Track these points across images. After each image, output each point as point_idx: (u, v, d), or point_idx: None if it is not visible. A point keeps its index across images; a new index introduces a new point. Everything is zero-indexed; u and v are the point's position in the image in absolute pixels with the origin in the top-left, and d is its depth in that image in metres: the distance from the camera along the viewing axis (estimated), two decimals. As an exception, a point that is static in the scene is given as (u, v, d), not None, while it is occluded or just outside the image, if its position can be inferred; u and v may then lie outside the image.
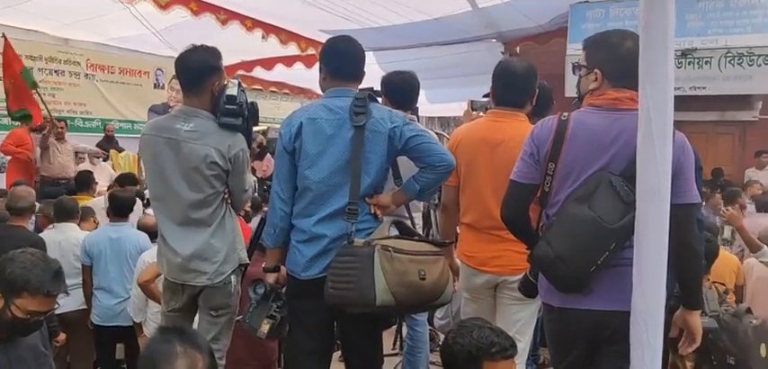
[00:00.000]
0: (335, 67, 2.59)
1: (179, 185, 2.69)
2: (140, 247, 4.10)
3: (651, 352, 1.87)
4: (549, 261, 2.10)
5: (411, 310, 2.52)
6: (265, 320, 2.56)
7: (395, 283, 2.28)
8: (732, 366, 2.52)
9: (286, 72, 9.78)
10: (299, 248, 2.52)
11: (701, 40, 7.67)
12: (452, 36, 8.02)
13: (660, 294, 1.86)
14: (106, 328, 4.11)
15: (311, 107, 2.60)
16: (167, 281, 2.85)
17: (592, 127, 2.14)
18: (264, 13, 7.29)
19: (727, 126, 9.45)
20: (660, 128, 1.81)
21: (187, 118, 2.71)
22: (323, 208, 2.47)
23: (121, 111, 10.61)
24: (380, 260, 2.28)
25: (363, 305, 2.29)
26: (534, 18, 8.04)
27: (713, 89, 7.79)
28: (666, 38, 1.79)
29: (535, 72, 2.90)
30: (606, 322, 2.11)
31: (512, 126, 2.79)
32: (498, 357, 1.95)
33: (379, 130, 2.44)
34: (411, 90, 3.27)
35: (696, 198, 2.10)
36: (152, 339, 1.62)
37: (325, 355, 2.65)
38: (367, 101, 2.46)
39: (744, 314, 2.66)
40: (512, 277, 2.73)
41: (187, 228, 2.73)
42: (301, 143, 2.48)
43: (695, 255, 2.10)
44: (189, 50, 2.78)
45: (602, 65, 2.17)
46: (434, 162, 2.45)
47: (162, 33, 8.00)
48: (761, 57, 7.50)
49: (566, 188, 2.16)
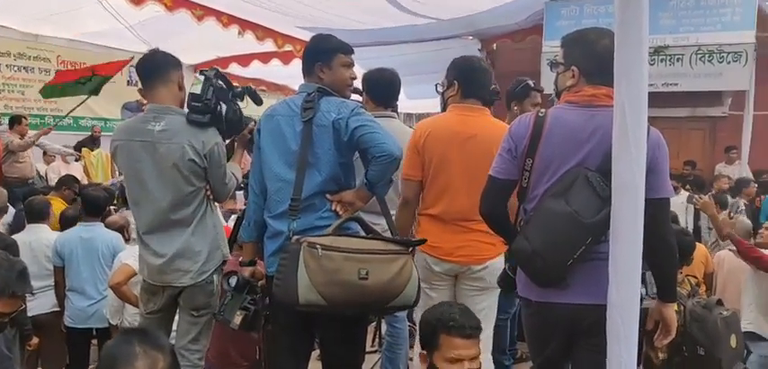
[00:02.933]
0: (303, 64, 2.63)
1: (157, 188, 2.67)
2: (113, 246, 4.03)
3: (627, 344, 1.90)
4: (527, 256, 2.13)
5: (358, 310, 2.43)
6: (238, 312, 2.55)
7: (323, 282, 2.21)
8: (702, 357, 2.56)
9: (263, 68, 9.71)
10: (266, 244, 2.55)
11: (673, 38, 7.82)
12: (430, 34, 8.06)
13: (635, 287, 1.89)
14: (79, 330, 4.04)
15: (276, 104, 2.62)
16: (146, 283, 2.81)
17: (568, 123, 2.16)
18: (241, 10, 7.22)
19: (698, 122, 9.64)
20: (635, 123, 1.84)
21: (157, 117, 2.68)
22: (279, 204, 2.47)
23: (94, 108, 10.39)
24: (305, 258, 2.21)
25: (289, 303, 2.25)
26: (510, 16, 8.11)
27: (685, 86, 7.95)
28: (641, 35, 1.81)
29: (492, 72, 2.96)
30: (583, 316, 2.14)
31: (482, 120, 2.85)
32: (454, 333, 2.04)
33: (323, 123, 2.41)
34: (392, 87, 3.27)
35: (670, 192, 2.14)
36: (113, 341, 1.62)
37: (303, 351, 2.64)
38: (316, 95, 2.44)
39: (714, 306, 2.71)
40: (476, 266, 2.78)
41: (167, 229, 2.70)
42: (260, 140, 2.53)
43: (669, 248, 2.14)
44: (148, 52, 2.82)
45: (578, 62, 2.20)
46: (375, 153, 2.36)
47: (135, 28, 7.87)
48: (730, 54, 7.67)
49: (543, 183, 2.18)
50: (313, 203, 2.44)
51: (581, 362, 2.25)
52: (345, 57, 2.59)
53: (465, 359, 2.08)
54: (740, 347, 2.71)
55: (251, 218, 2.60)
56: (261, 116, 2.61)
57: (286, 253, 2.30)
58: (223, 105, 2.73)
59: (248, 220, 2.61)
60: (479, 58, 3.00)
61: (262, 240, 2.60)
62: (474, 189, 2.70)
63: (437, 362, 2.11)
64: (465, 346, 2.08)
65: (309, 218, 2.43)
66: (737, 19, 7.66)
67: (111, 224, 4.34)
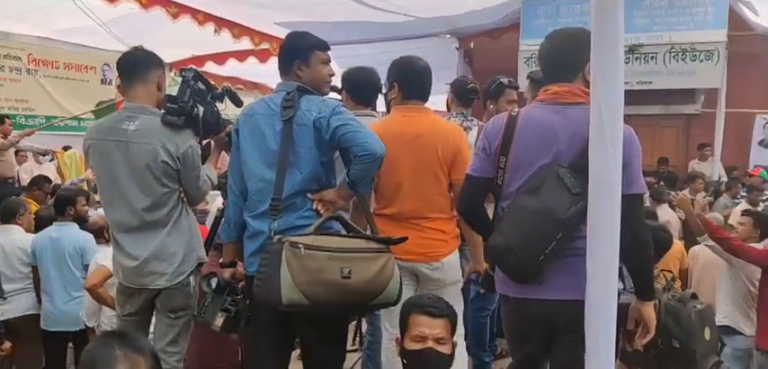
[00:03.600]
0: (279, 63, 2.61)
1: (131, 189, 2.62)
2: (81, 248, 3.96)
3: (605, 338, 1.93)
4: (501, 251, 2.18)
5: (341, 309, 2.44)
6: (220, 314, 2.54)
7: (306, 282, 2.20)
8: (677, 350, 2.60)
9: (239, 67, 9.61)
10: (245, 244, 2.53)
11: (647, 36, 7.93)
12: (407, 32, 8.06)
13: (613, 282, 1.92)
14: (53, 333, 3.97)
15: (254, 103, 2.60)
16: (122, 285, 2.77)
17: (538, 121, 2.23)
18: (217, 7, 7.15)
19: (671, 119, 9.78)
20: (611, 121, 1.87)
21: (131, 116, 2.64)
22: (259, 204, 2.46)
23: (67, 108, 10.21)
24: (287, 257, 2.20)
25: (272, 304, 2.24)
26: (488, 14, 8.15)
27: (659, 84, 8.06)
28: (617, 34, 1.84)
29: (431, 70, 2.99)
30: (560, 311, 2.17)
31: (426, 119, 2.90)
32: (419, 311, 2.18)
33: (304, 122, 2.41)
34: (372, 85, 3.25)
35: (642, 188, 2.19)
36: (92, 344, 1.59)
37: (284, 351, 2.63)
38: (296, 94, 2.43)
39: (689, 299, 2.75)
40: (433, 263, 2.85)
41: (141, 231, 2.66)
42: (240, 140, 2.51)
43: (643, 244, 2.18)
44: (133, 48, 2.77)
45: (541, 63, 2.36)
46: (358, 152, 2.37)
47: (109, 26, 7.73)
48: (702, 53, 7.80)
49: (517, 181, 2.23)
50: (294, 203, 2.43)
51: (559, 357, 2.28)
52: (322, 53, 2.59)
53: (429, 337, 2.14)
54: (714, 340, 2.75)
55: (231, 219, 2.58)
56: (239, 116, 2.58)
57: (267, 253, 2.29)
58: (200, 107, 2.70)
59: (228, 220, 2.59)
60: (418, 59, 2.99)
61: (241, 241, 2.57)
62: (423, 187, 2.80)
63: (406, 344, 2.20)
64: (429, 324, 2.15)
65: (290, 217, 2.42)
66: (709, 18, 7.80)
67: (91, 225, 4.28)
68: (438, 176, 2.83)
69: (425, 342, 2.15)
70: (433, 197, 2.84)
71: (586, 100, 2.14)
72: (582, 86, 2.20)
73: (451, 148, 2.83)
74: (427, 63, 3.00)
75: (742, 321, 3.94)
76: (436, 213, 2.87)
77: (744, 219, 4.31)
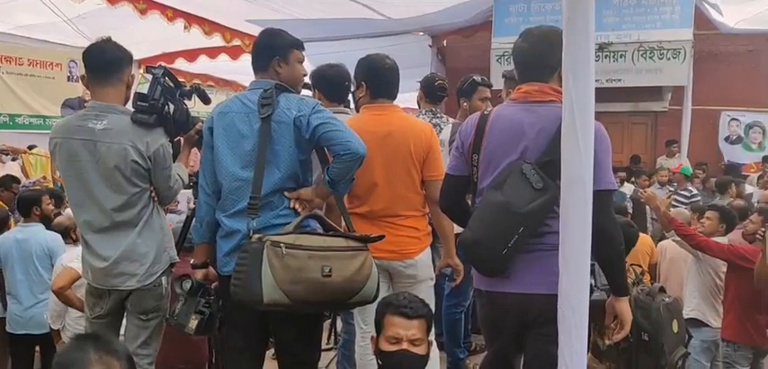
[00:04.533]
0: (253, 60, 2.58)
1: (99, 189, 2.56)
2: (49, 248, 3.87)
3: (577, 333, 1.95)
4: (468, 245, 2.25)
5: (321, 307, 2.46)
6: (193, 316, 2.49)
7: (287, 281, 2.20)
8: (646, 342, 2.65)
9: (210, 64, 9.50)
10: (219, 243, 2.50)
11: (616, 35, 8.04)
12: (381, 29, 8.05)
13: (585, 277, 1.95)
14: (19, 337, 3.87)
15: (227, 100, 2.57)
16: (91, 287, 2.71)
17: (508, 119, 2.29)
18: (187, 3, 7.04)
19: (640, 116, 9.97)
20: (583, 119, 1.89)
21: (99, 115, 2.57)
22: (235, 203, 2.43)
23: (32, 105, 9.94)
24: (269, 256, 2.19)
25: (253, 303, 2.22)
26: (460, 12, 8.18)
27: (627, 81, 8.19)
28: (588, 32, 1.87)
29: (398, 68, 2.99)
30: (530, 305, 2.22)
31: (396, 117, 2.90)
32: (395, 312, 2.18)
33: (284, 120, 2.39)
34: (343, 82, 3.23)
35: (611, 184, 2.22)
36: (65, 347, 1.55)
37: (258, 352, 2.61)
38: (274, 92, 2.41)
39: (657, 293, 2.80)
40: (407, 261, 2.86)
41: (111, 231, 2.60)
42: (214, 138, 2.46)
43: (613, 240, 2.21)
44: (100, 41, 2.66)
45: (515, 62, 2.40)
46: (340, 151, 2.36)
47: (74, 22, 7.56)
48: (670, 51, 7.95)
49: (487, 177, 2.29)
50: (271, 201, 2.41)
51: (532, 351, 2.32)
52: (299, 53, 2.59)
53: (404, 339, 2.15)
54: (682, 332, 2.81)
55: (203, 218, 2.54)
56: (213, 113, 2.54)
57: (246, 252, 2.26)
58: (171, 105, 2.65)
59: (200, 220, 2.55)
60: (386, 56, 2.98)
61: (214, 241, 2.54)
62: (396, 185, 2.81)
63: (381, 344, 2.20)
64: (404, 326, 2.15)
65: (267, 216, 2.40)
66: (676, 17, 7.95)
67: (57, 225, 4.18)
68: (410, 174, 2.84)
69: (400, 344, 2.15)
70: (405, 195, 2.85)
71: (556, 99, 2.19)
72: (555, 86, 2.24)
73: (423, 146, 2.84)
74: (395, 61, 2.99)
75: (709, 314, 4.03)
76: (409, 211, 2.87)
77: (709, 213, 4.41)
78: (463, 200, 2.52)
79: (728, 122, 9.75)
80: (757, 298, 3.80)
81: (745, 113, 9.69)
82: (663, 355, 2.62)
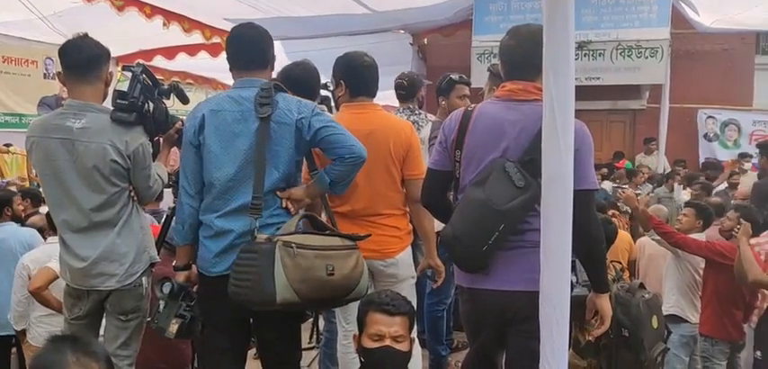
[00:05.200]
0: (239, 57, 2.51)
1: (78, 188, 2.52)
2: (27, 243, 3.82)
3: (559, 329, 1.96)
4: (449, 241, 2.26)
5: (320, 305, 2.50)
6: (174, 320, 2.46)
7: (297, 280, 2.23)
8: (626, 338, 2.68)
9: (189, 61, 9.38)
10: (206, 244, 2.45)
11: (595, 33, 8.12)
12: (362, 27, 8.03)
13: (566, 275, 1.96)
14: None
15: (216, 98, 2.52)
16: (70, 287, 2.66)
17: (491, 116, 2.30)
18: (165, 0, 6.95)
19: (619, 114, 10.09)
20: (563, 117, 1.90)
21: (77, 113, 2.52)
22: (228, 203, 2.40)
23: (7, 103, 9.75)
24: (281, 256, 2.22)
25: (263, 303, 2.24)
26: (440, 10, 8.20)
27: (606, 79, 8.28)
28: (568, 31, 1.87)
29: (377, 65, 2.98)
30: (510, 302, 2.24)
31: (376, 116, 2.89)
32: (377, 309, 2.19)
33: (285, 121, 2.38)
34: (312, 80, 3.14)
35: (593, 184, 2.25)
36: (42, 349, 1.51)
37: (240, 353, 2.60)
38: (273, 91, 2.39)
39: (637, 289, 2.83)
40: (388, 260, 2.85)
41: (90, 231, 2.56)
42: (205, 137, 2.40)
43: (595, 240, 2.24)
44: (78, 37, 2.60)
45: (501, 61, 2.40)
46: (343, 154, 2.39)
47: (50, 19, 7.42)
48: (647, 50, 8.05)
49: (470, 174, 2.30)
50: (266, 201, 2.39)
51: (514, 347, 2.34)
52: None
53: (386, 336, 2.16)
54: (661, 328, 2.84)
55: (185, 220, 2.48)
56: (201, 111, 2.45)
57: (254, 252, 2.25)
58: (150, 103, 2.61)
59: (182, 222, 2.50)
60: (364, 54, 2.96)
61: (196, 242, 2.51)
62: (376, 184, 2.80)
63: (364, 341, 2.21)
64: (386, 323, 2.16)
65: (263, 216, 2.38)
66: (654, 16, 8.05)
67: (31, 225, 4.11)
68: (391, 173, 2.83)
69: (383, 340, 2.16)
70: (386, 194, 2.84)
71: (539, 97, 2.19)
72: (539, 85, 2.24)
73: (403, 144, 2.84)
74: (373, 59, 2.97)
75: (687, 309, 4.09)
76: (389, 210, 2.87)
77: (687, 210, 4.47)
78: (445, 196, 2.53)
79: (705, 120, 9.92)
80: (734, 293, 3.87)
81: (720, 111, 9.87)
82: (643, 350, 2.65)
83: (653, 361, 2.68)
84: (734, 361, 4.09)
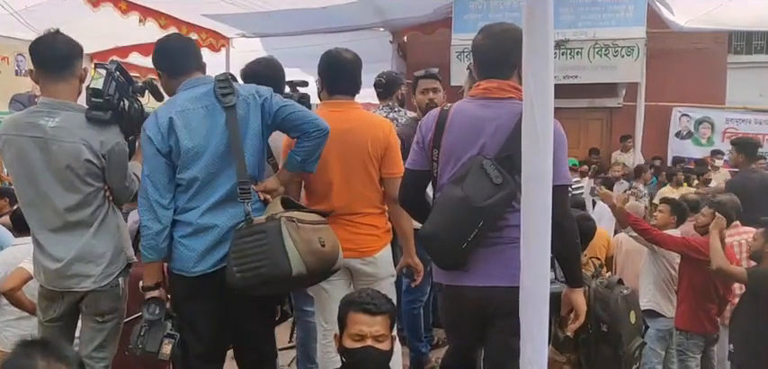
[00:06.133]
0: (176, 62, 2.53)
1: (52, 188, 2.47)
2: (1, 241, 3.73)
3: (538, 325, 1.97)
4: (427, 238, 2.27)
5: (318, 278, 2.55)
6: (165, 341, 2.39)
7: (306, 252, 2.30)
8: (605, 333, 2.71)
9: (166, 58, 9.25)
10: (185, 244, 2.42)
11: (573, 32, 8.18)
12: (340, 23, 7.99)
13: (545, 271, 1.97)
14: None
15: (174, 102, 2.47)
16: (44, 289, 2.61)
17: (468, 114, 2.31)
18: (140, -5, 6.85)
19: (596, 112, 10.20)
20: (542, 116, 1.91)
21: (51, 112, 2.47)
22: (210, 197, 2.40)
23: (-23, 100, 9.57)
24: (289, 231, 2.27)
25: (279, 280, 2.29)
26: (419, 7, 8.20)
27: (584, 78, 8.35)
28: (547, 30, 1.88)
29: (361, 63, 2.96)
30: (489, 298, 2.25)
31: (354, 113, 2.88)
32: (357, 309, 2.19)
33: (249, 106, 2.42)
34: (276, 76, 3.07)
35: (567, 180, 2.28)
36: (11, 354, 1.47)
37: (218, 356, 2.59)
38: (230, 81, 2.43)
39: (615, 285, 2.86)
40: (366, 258, 2.84)
41: (65, 231, 2.51)
42: (177, 140, 2.37)
43: (569, 234, 2.26)
44: (50, 34, 2.53)
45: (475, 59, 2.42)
46: (309, 130, 2.44)
47: (22, 14, 7.25)
48: (624, 48, 8.15)
49: (448, 172, 2.31)
50: None
51: (493, 343, 2.35)
52: None
53: (367, 335, 2.15)
54: (639, 323, 2.88)
55: (162, 233, 2.41)
56: (167, 116, 2.40)
57: (260, 233, 2.28)
58: (126, 101, 2.57)
59: (158, 234, 2.41)
60: (345, 51, 2.93)
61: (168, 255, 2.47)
62: (354, 183, 2.79)
63: (345, 341, 2.20)
64: (367, 322, 2.16)
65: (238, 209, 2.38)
66: (630, 15, 8.15)
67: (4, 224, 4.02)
68: (369, 171, 2.81)
69: (364, 341, 2.15)
70: (364, 192, 2.82)
71: (515, 95, 2.22)
72: (514, 83, 2.27)
73: (381, 143, 2.81)
74: (356, 55, 2.94)
75: (664, 304, 4.16)
76: (368, 208, 2.85)
77: (662, 206, 4.54)
78: (423, 195, 2.52)
79: (679, 118, 10.07)
80: (709, 288, 3.94)
81: (695, 109, 10.03)
82: (621, 345, 2.68)
83: (631, 355, 2.72)
84: (708, 354, 4.16)
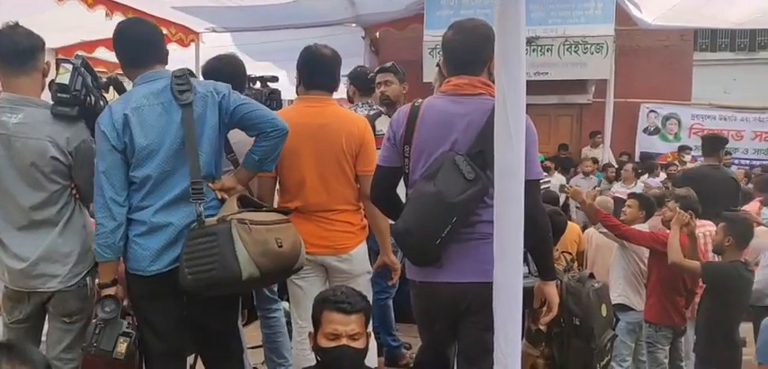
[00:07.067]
0: (137, 52, 2.47)
1: (16, 186, 2.40)
2: None
3: (511, 319, 1.99)
4: (401, 234, 2.27)
5: (275, 278, 2.58)
6: (121, 340, 2.33)
7: (258, 254, 2.26)
8: (578, 327, 2.74)
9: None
10: (139, 243, 2.37)
11: (543, 29, 8.30)
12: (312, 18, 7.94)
13: (518, 266, 1.99)
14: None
15: (128, 97, 2.42)
16: (9, 290, 2.53)
17: (439, 111, 2.31)
18: (108, -11, 6.69)
19: (566, 109, 10.35)
20: (514, 112, 1.92)
21: (14, 108, 2.39)
22: (161, 196, 2.35)
23: (-64, 96, 9.24)
24: (239, 233, 2.24)
25: (229, 282, 2.25)
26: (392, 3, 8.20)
27: (554, 75, 8.48)
28: (519, 26, 1.89)
29: (340, 59, 2.95)
30: (462, 294, 2.26)
31: (329, 109, 2.85)
32: (332, 308, 2.19)
33: (206, 104, 2.37)
34: (237, 73, 3.01)
35: (538, 174, 2.31)
36: None
37: (179, 354, 2.57)
38: (188, 77, 2.38)
39: (587, 279, 2.89)
40: (342, 255, 2.83)
41: (30, 230, 2.44)
42: (131, 137, 2.33)
43: (542, 228, 2.28)
44: (9, 26, 2.46)
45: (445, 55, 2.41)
46: (266, 128, 2.40)
47: (-18, 8, 7.04)
48: (593, 46, 8.29)
49: (419, 168, 2.31)
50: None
51: (466, 338, 2.36)
52: None
53: (342, 335, 2.15)
54: (610, 316, 2.92)
55: (117, 231, 2.36)
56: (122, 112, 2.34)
57: (210, 234, 2.24)
58: (92, 97, 2.50)
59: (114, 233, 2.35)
60: (324, 47, 2.92)
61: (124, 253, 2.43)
62: (329, 180, 2.77)
63: (320, 340, 2.19)
64: (342, 321, 2.15)
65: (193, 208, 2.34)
66: (599, 13, 8.28)
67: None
68: (343, 168, 2.79)
69: (339, 340, 2.14)
70: (338, 189, 2.80)
71: (485, 91, 2.24)
72: (484, 79, 2.28)
73: (356, 139, 2.79)
74: (335, 52, 2.93)
75: (633, 298, 4.23)
76: (343, 205, 2.82)
77: (630, 201, 4.62)
78: (394, 192, 2.51)
79: (647, 114, 10.28)
80: (677, 281, 4.02)
81: (662, 105, 10.25)
82: (593, 338, 2.72)
83: (603, 348, 2.75)
84: (676, 345, 4.25)
